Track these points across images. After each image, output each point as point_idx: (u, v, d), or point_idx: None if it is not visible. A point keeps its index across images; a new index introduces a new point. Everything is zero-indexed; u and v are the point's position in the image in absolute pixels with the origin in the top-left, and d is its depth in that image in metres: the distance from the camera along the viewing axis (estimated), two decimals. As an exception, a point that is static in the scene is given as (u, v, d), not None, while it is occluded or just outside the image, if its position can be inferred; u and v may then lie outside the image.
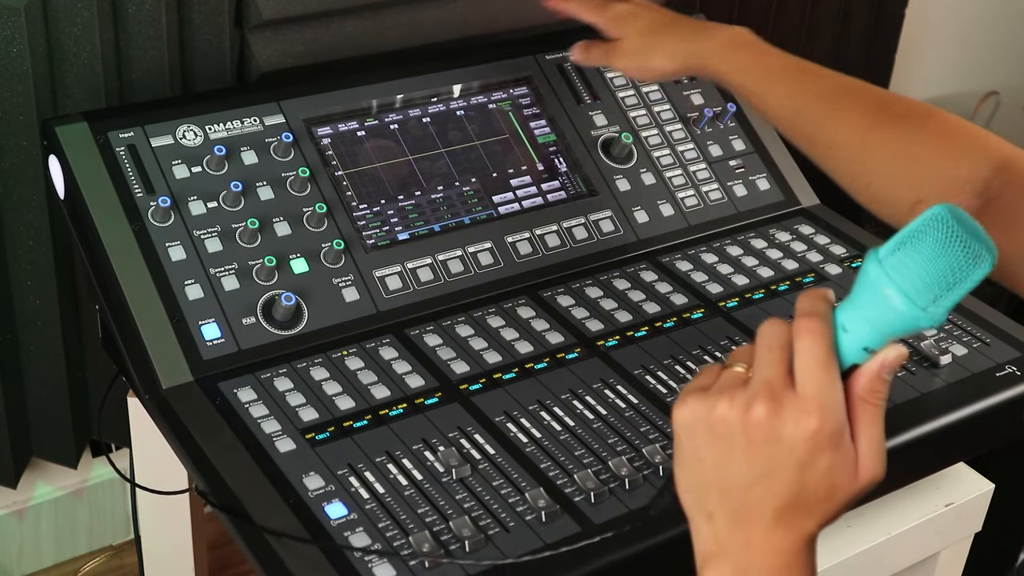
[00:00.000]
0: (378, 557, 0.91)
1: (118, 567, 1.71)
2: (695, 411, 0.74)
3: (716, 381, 0.75)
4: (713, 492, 0.74)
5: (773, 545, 0.73)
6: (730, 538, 0.74)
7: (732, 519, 0.73)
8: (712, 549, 0.75)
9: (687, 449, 0.75)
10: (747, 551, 0.73)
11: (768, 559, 0.73)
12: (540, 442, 1.04)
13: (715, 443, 0.73)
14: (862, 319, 0.71)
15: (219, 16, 1.34)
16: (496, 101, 1.36)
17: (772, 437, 0.71)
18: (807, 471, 0.71)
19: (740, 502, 0.73)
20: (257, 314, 1.14)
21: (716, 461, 0.73)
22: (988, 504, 1.23)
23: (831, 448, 0.70)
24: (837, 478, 0.71)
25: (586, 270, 1.27)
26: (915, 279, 0.69)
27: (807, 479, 0.71)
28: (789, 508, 0.72)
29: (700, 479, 0.74)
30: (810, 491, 0.71)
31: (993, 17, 2.52)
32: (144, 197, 1.15)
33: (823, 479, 0.71)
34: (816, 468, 0.71)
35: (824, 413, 0.70)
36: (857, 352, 0.72)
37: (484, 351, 1.14)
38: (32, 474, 1.61)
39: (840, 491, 0.71)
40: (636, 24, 1.21)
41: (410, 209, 1.25)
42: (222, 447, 1.02)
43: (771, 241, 1.35)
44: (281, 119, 1.24)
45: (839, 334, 0.72)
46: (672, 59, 1.17)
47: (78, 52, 1.27)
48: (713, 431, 0.73)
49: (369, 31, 1.43)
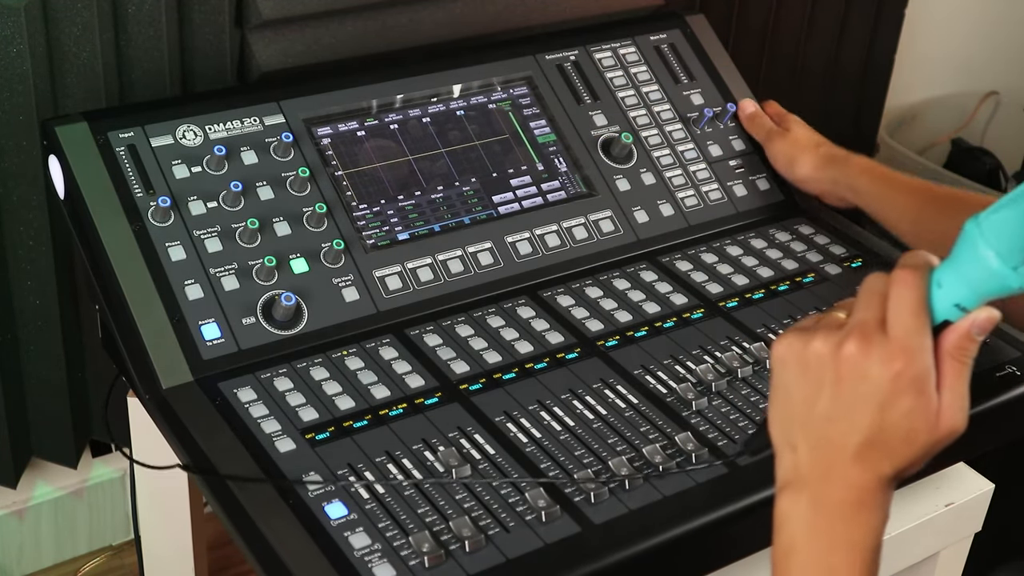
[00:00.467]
0: (378, 557, 0.92)
1: (118, 567, 1.71)
2: (791, 345, 0.78)
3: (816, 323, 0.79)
4: (798, 424, 0.78)
5: (849, 480, 0.76)
6: (809, 469, 0.78)
7: (813, 451, 0.77)
8: (791, 478, 0.79)
9: (779, 383, 0.79)
10: (824, 483, 0.77)
11: (843, 493, 0.76)
12: (540, 442, 1.04)
13: (806, 377, 0.77)
14: (956, 275, 0.74)
15: (219, 16, 1.34)
16: (496, 101, 1.36)
17: (859, 374, 0.75)
18: (888, 411, 0.74)
19: (822, 435, 0.77)
20: (257, 314, 1.14)
21: (805, 395, 0.77)
22: (988, 504, 1.23)
23: (914, 392, 0.74)
24: (917, 422, 0.74)
25: (586, 270, 1.27)
26: (1008, 239, 0.72)
27: (888, 419, 0.74)
28: (868, 446, 0.75)
29: (788, 412, 0.79)
30: (890, 431, 0.75)
31: (993, 17, 2.52)
32: (144, 197, 1.15)
33: (903, 420, 0.74)
34: (897, 409, 0.74)
35: (909, 356, 0.74)
36: (950, 309, 0.75)
37: (484, 351, 1.14)
38: (32, 474, 1.61)
39: (919, 436, 0.75)
40: (803, 129, 1.41)
41: (410, 209, 1.25)
42: (222, 447, 1.02)
43: (771, 241, 1.35)
44: (281, 119, 1.24)
45: (933, 289, 0.75)
46: (814, 172, 1.37)
47: (78, 52, 1.27)
48: (805, 365, 0.77)
49: (369, 31, 1.43)
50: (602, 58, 1.43)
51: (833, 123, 2.10)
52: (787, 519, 0.78)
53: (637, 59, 1.45)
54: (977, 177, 2.38)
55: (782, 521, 0.79)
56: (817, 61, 2.03)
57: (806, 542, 0.77)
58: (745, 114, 1.44)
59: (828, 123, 2.12)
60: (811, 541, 0.77)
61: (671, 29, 1.49)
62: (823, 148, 1.38)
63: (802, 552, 0.77)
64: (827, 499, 0.77)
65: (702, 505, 0.99)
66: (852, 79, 2.10)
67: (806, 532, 0.77)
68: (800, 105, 2.04)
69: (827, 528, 0.77)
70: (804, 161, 1.38)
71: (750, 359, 1.15)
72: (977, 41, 2.51)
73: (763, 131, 1.42)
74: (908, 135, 2.51)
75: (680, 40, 1.48)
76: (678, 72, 1.46)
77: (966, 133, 2.54)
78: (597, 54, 1.43)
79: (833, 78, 2.07)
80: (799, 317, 1.22)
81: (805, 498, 0.78)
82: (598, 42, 1.44)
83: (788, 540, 0.78)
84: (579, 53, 1.42)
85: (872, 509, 0.76)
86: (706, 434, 1.06)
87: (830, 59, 2.04)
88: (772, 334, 1.19)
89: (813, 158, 1.37)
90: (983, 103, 2.54)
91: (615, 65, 1.43)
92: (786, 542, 0.78)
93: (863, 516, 0.76)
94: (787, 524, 0.78)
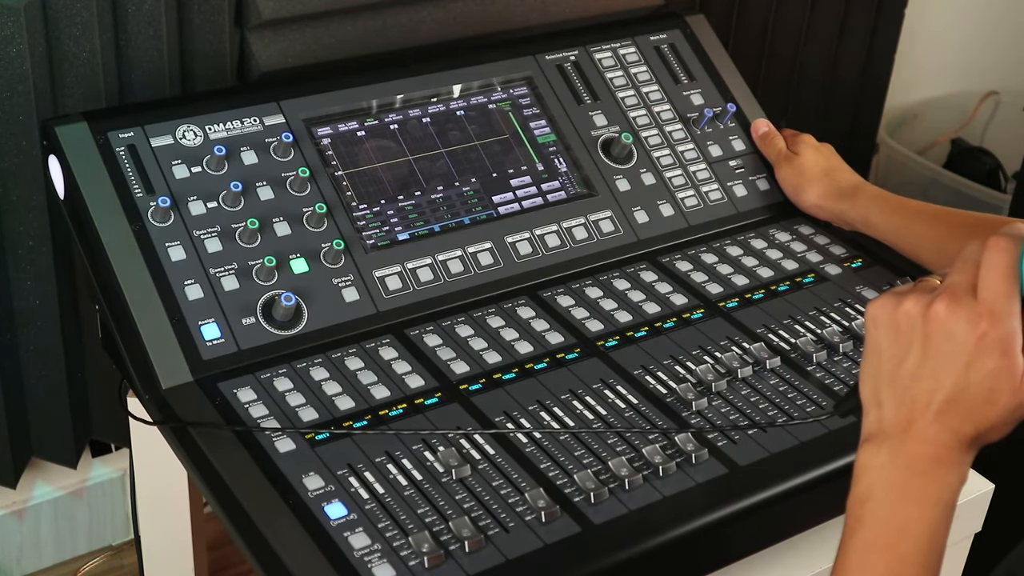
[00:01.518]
0: (378, 557, 0.92)
1: (118, 567, 1.71)
2: (884, 306, 0.80)
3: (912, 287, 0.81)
4: (885, 381, 0.80)
5: (928, 436, 0.78)
6: (892, 423, 0.79)
7: (897, 406, 0.79)
8: (874, 431, 0.81)
9: (871, 341, 0.81)
10: (904, 437, 0.79)
11: (922, 448, 0.78)
12: (540, 442, 1.04)
13: (896, 335, 0.79)
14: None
15: (219, 16, 1.34)
16: (496, 101, 1.36)
17: (946, 333, 0.76)
18: (972, 370, 0.76)
19: (907, 390, 0.79)
20: (257, 314, 1.14)
21: (893, 352, 0.79)
22: (988, 504, 1.23)
23: (998, 352, 0.75)
24: (1000, 383, 0.76)
25: (586, 270, 1.27)
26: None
27: (971, 378, 0.76)
28: (950, 404, 0.77)
29: (877, 369, 0.81)
30: (972, 391, 0.76)
31: (993, 17, 2.52)
32: (144, 197, 1.15)
33: (986, 380, 0.76)
34: (980, 368, 0.76)
35: (995, 318, 0.75)
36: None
37: (484, 351, 1.14)
38: (32, 474, 1.61)
39: (1001, 398, 0.76)
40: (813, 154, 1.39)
41: (410, 209, 1.25)
42: (222, 447, 1.02)
43: (771, 241, 1.35)
44: (281, 119, 1.24)
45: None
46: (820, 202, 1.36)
47: (78, 52, 1.27)
48: (896, 324, 0.79)
49: (369, 31, 1.43)
50: (602, 58, 1.43)
51: (833, 123, 2.11)
52: (866, 469, 0.80)
53: (637, 59, 1.45)
54: (977, 177, 2.38)
55: (861, 471, 0.81)
56: (817, 61, 2.03)
57: (882, 492, 0.79)
58: (758, 134, 1.43)
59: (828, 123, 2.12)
60: (887, 492, 0.79)
61: (671, 29, 1.49)
62: (831, 177, 1.36)
63: (877, 501, 0.79)
64: (906, 453, 0.79)
65: (702, 505, 0.99)
66: (852, 79, 2.10)
67: (883, 483, 0.79)
68: (800, 105, 2.05)
69: (903, 481, 0.79)
70: (810, 191, 1.36)
71: (750, 359, 1.15)
72: (977, 41, 2.51)
73: (773, 152, 1.41)
74: (908, 135, 2.51)
75: (680, 40, 1.48)
76: (678, 72, 1.46)
77: (966, 133, 2.54)
78: (597, 54, 1.43)
79: (833, 78, 2.07)
80: (799, 317, 1.22)
81: (885, 451, 0.79)
82: (598, 42, 1.44)
83: (865, 489, 0.80)
84: (579, 53, 1.42)
85: (949, 466, 0.78)
86: (706, 434, 1.06)
87: (830, 59, 2.04)
88: (772, 334, 1.20)
89: (819, 188, 1.36)
90: (983, 103, 2.54)
91: (615, 65, 1.43)
92: (863, 491, 0.80)
93: (940, 472, 0.78)
94: (865, 474, 0.80)
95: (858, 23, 2.04)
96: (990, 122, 2.56)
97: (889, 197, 1.32)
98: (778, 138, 1.42)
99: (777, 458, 1.04)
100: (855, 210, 1.33)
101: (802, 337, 1.18)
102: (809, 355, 1.16)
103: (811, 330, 1.20)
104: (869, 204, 1.32)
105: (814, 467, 1.04)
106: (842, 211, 1.34)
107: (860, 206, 1.32)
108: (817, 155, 1.39)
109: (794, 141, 1.41)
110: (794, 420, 1.08)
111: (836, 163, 1.39)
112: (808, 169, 1.37)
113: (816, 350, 1.16)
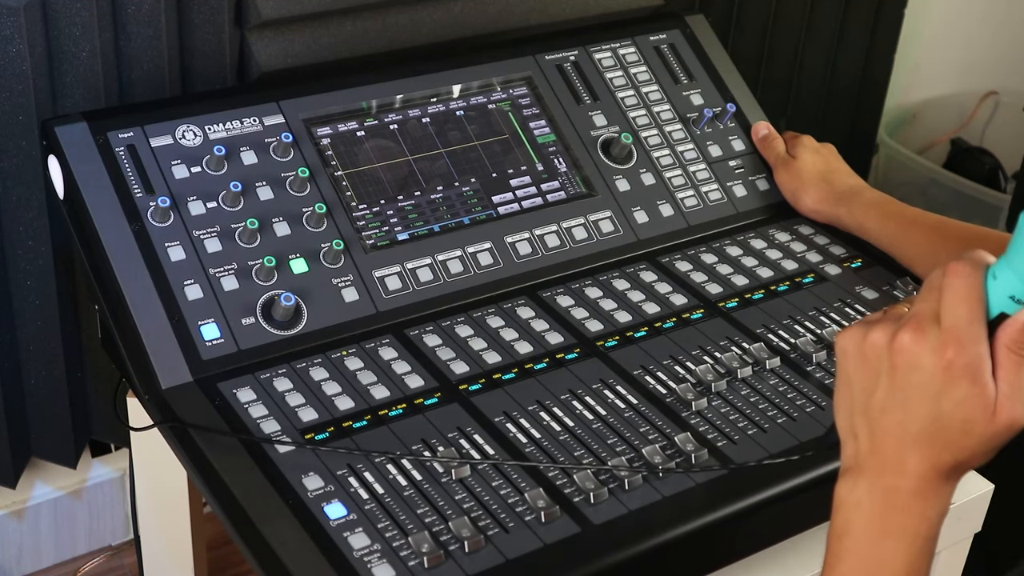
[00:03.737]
0: (377, 557, 0.92)
1: (117, 567, 1.71)
2: (852, 337, 0.79)
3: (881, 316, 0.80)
4: (858, 414, 0.79)
5: (906, 469, 0.77)
6: (868, 457, 0.79)
7: (872, 439, 0.78)
8: (851, 465, 0.80)
9: (842, 373, 0.80)
10: (881, 471, 0.78)
11: (899, 481, 0.77)
12: (539, 442, 1.04)
13: (865, 367, 0.78)
14: (1010, 267, 0.74)
15: (219, 16, 1.34)
16: (496, 101, 1.36)
17: (912, 364, 0.75)
18: (942, 400, 0.74)
19: (879, 423, 0.78)
20: (256, 314, 1.14)
21: (863, 385, 0.78)
22: (988, 504, 1.23)
23: (967, 380, 0.74)
24: (973, 412, 0.74)
25: (586, 270, 1.27)
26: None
27: (942, 408, 0.74)
28: (926, 435, 0.76)
29: (849, 401, 0.80)
30: (945, 421, 0.75)
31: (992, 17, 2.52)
32: (143, 197, 1.15)
33: (958, 410, 0.74)
34: (951, 398, 0.74)
35: (959, 345, 0.74)
36: (1005, 301, 0.74)
37: (484, 351, 1.14)
38: (31, 474, 1.61)
39: (976, 427, 0.74)
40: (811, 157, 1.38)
41: (409, 209, 1.25)
42: (221, 447, 1.02)
43: (771, 241, 1.35)
44: (281, 119, 1.24)
45: (989, 281, 0.75)
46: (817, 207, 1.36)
47: (77, 52, 1.27)
48: (864, 356, 0.78)
49: (369, 31, 1.43)
50: (602, 58, 1.43)
51: (833, 123, 2.11)
52: (843, 503, 0.80)
53: (637, 59, 1.45)
54: (976, 177, 2.38)
55: (839, 504, 0.80)
56: (817, 61, 2.03)
57: (860, 527, 0.78)
58: (757, 137, 1.43)
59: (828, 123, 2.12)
60: (865, 526, 0.78)
61: (671, 29, 1.49)
62: (828, 182, 1.36)
63: (855, 537, 0.79)
64: (884, 486, 0.78)
65: (701, 505, 0.99)
66: (852, 79, 2.10)
67: (861, 517, 0.78)
68: (800, 105, 2.05)
69: (881, 515, 0.78)
70: (807, 196, 1.36)
71: (749, 359, 1.15)
72: (976, 41, 2.51)
73: (772, 156, 1.41)
74: (908, 135, 2.51)
75: (680, 40, 1.48)
76: (678, 72, 1.46)
77: (965, 133, 2.54)
78: (597, 54, 1.43)
79: (833, 78, 2.07)
80: (799, 317, 1.22)
81: (863, 484, 0.79)
82: (598, 42, 1.44)
83: (843, 523, 0.79)
84: (579, 53, 1.42)
85: (928, 499, 0.77)
86: (705, 435, 1.06)
87: (830, 59, 2.04)
88: (772, 334, 1.20)
89: (816, 193, 1.35)
90: (982, 103, 2.54)
91: (615, 65, 1.43)
92: (841, 525, 0.80)
93: (918, 506, 0.77)
94: (843, 508, 0.80)
95: (858, 23, 2.04)
96: (990, 122, 2.56)
97: (886, 203, 1.31)
98: (778, 141, 1.41)
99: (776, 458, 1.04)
100: (851, 216, 1.32)
101: (802, 337, 1.19)
102: (809, 355, 1.16)
103: (811, 330, 1.20)
104: (865, 210, 1.31)
105: (814, 467, 1.04)
106: (838, 216, 1.34)
107: (856, 212, 1.32)
108: (815, 158, 1.38)
109: (793, 144, 1.41)
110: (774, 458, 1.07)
111: (836, 165, 1.38)
112: (805, 173, 1.37)
113: (816, 350, 1.16)
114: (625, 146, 1.36)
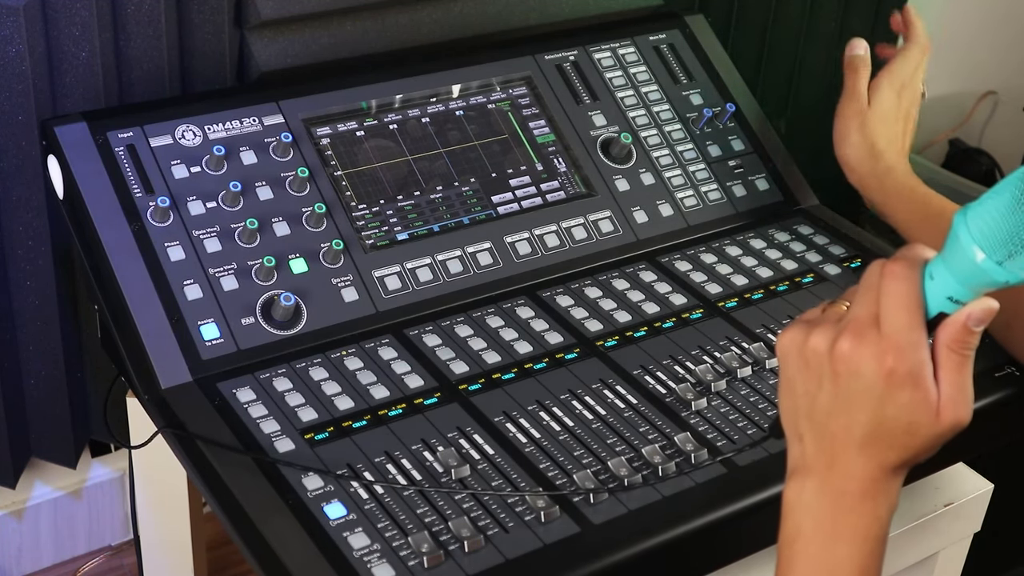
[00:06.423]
0: (377, 557, 0.92)
1: (117, 567, 1.71)
2: (793, 339, 0.79)
3: (820, 315, 0.80)
4: (803, 416, 0.79)
5: (853, 470, 0.77)
6: (815, 459, 0.79)
7: (818, 440, 0.78)
8: (799, 466, 0.80)
9: (784, 375, 0.81)
10: (828, 473, 0.78)
11: (847, 483, 0.77)
12: (539, 442, 1.04)
13: (806, 372, 0.78)
14: (945, 268, 0.74)
15: (218, 16, 1.34)
16: (495, 101, 1.36)
17: (853, 372, 0.75)
18: (885, 406, 0.74)
19: (824, 428, 0.78)
20: (256, 314, 1.14)
21: (805, 388, 0.78)
22: (987, 504, 1.23)
23: (910, 386, 0.74)
24: (917, 415, 0.74)
25: (585, 270, 1.27)
26: (991, 232, 0.71)
27: (886, 413, 0.75)
28: (870, 439, 0.76)
29: (793, 404, 0.80)
30: (890, 425, 0.75)
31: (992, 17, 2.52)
32: (143, 197, 1.15)
33: (902, 414, 0.74)
34: (894, 403, 0.74)
35: (900, 352, 0.73)
36: (943, 301, 0.74)
37: (483, 351, 1.14)
38: (31, 474, 1.61)
39: (920, 428, 0.75)
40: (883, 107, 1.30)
41: (409, 209, 1.25)
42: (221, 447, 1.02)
43: (770, 241, 1.35)
44: (280, 119, 1.24)
45: (926, 281, 0.75)
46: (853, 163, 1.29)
47: (77, 52, 1.27)
48: (805, 360, 0.78)
49: (369, 31, 1.43)
50: (601, 58, 1.43)
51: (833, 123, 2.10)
52: (793, 507, 0.79)
53: (636, 59, 1.45)
54: (974, 177, 2.38)
55: (789, 508, 0.80)
56: (817, 61, 2.03)
57: (810, 530, 0.78)
58: (851, 53, 1.34)
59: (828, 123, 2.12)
60: (815, 529, 0.78)
61: (670, 29, 1.49)
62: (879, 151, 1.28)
63: (806, 540, 0.78)
64: (832, 488, 0.78)
65: (701, 505, 0.99)
66: (851, 79, 2.10)
67: (810, 520, 0.78)
68: (800, 105, 2.05)
69: (831, 517, 0.77)
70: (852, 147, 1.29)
71: (749, 359, 1.15)
72: (975, 41, 2.51)
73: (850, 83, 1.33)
74: (907, 135, 2.51)
75: (679, 40, 1.48)
76: (677, 72, 1.46)
77: (963, 133, 2.54)
78: (596, 54, 1.43)
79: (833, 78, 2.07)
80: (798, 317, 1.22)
81: (811, 487, 0.78)
82: (597, 42, 1.44)
83: (793, 528, 0.79)
84: (578, 53, 1.42)
85: (876, 499, 0.77)
86: (705, 434, 1.06)
87: (830, 59, 2.04)
88: (771, 334, 1.20)
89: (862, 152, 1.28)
90: (981, 103, 2.54)
91: (614, 65, 1.43)
92: (791, 529, 0.79)
93: (867, 506, 0.77)
94: (793, 512, 0.79)
95: (857, 23, 2.04)
96: (988, 122, 2.56)
97: (912, 190, 1.26)
98: (866, 71, 1.32)
99: (775, 459, 1.04)
100: (879, 192, 1.27)
101: (801, 337, 1.18)
102: (808, 355, 1.16)
103: (810, 330, 1.20)
104: (890, 195, 1.26)
105: (813, 467, 1.04)
106: (867, 187, 1.28)
107: (886, 190, 1.27)
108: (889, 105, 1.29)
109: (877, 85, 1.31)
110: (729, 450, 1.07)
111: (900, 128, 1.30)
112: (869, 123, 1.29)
113: (815, 350, 1.16)
114: (625, 146, 1.36)
